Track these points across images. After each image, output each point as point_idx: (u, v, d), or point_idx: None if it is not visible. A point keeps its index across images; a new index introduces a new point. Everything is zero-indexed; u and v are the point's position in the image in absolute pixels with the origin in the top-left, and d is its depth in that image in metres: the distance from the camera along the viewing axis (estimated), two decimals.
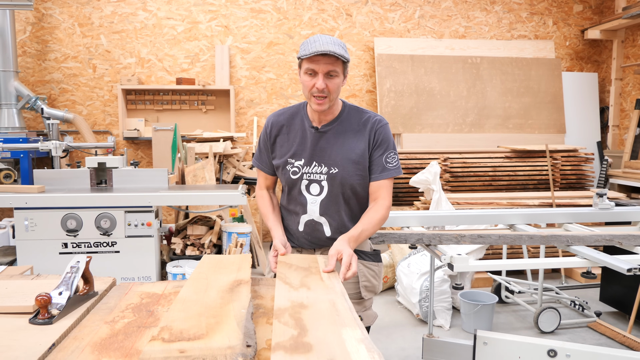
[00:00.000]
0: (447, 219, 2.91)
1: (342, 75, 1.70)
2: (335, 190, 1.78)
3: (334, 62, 1.66)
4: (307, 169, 1.79)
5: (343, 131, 1.79)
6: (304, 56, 1.65)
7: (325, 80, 1.67)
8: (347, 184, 1.77)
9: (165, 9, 5.59)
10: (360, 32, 5.86)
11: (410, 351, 3.15)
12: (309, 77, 1.68)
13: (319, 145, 1.79)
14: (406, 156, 5.08)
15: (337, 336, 1.05)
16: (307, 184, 1.80)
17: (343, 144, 1.78)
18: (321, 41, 1.64)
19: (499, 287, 3.93)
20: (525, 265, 2.75)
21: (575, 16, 6.22)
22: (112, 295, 1.44)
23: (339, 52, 1.63)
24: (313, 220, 1.82)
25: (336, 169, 1.77)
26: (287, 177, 1.82)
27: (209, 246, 4.18)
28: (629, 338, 3.20)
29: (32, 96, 5.06)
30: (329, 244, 1.78)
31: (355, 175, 1.78)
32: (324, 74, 1.66)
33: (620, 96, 5.98)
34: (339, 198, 1.80)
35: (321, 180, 1.79)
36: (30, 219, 3.42)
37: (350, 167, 1.77)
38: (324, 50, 1.61)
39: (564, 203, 4.60)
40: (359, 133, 1.79)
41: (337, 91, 1.72)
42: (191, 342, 0.99)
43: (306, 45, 1.67)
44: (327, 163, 1.78)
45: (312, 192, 1.81)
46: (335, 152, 1.78)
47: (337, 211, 1.81)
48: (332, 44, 1.64)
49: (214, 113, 5.69)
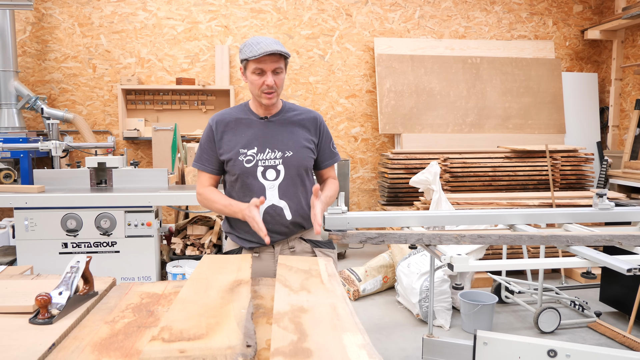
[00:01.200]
0: (447, 219, 2.90)
1: (285, 70, 1.86)
2: (292, 172, 1.88)
3: (279, 60, 1.80)
4: (261, 155, 1.87)
5: (289, 122, 1.94)
6: (252, 57, 1.76)
7: (274, 77, 1.81)
8: (302, 165, 1.90)
9: (165, 9, 5.59)
10: (360, 32, 5.86)
11: (410, 351, 3.15)
12: (257, 76, 1.81)
13: (269, 133, 1.90)
14: (406, 156, 5.08)
15: (338, 342, 1.03)
16: (262, 170, 1.86)
17: (292, 131, 1.92)
18: (265, 42, 1.77)
19: (499, 287, 3.93)
20: (525, 266, 2.74)
21: (575, 16, 6.22)
22: (112, 295, 1.44)
23: (284, 50, 1.78)
24: (273, 205, 1.87)
25: (290, 152, 1.89)
26: (241, 167, 1.86)
27: (209, 246, 4.18)
28: (629, 338, 3.20)
29: (32, 96, 5.06)
30: (290, 229, 1.91)
31: (308, 157, 1.93)
32: (272, 71, 1.80)
33: (620, 96, 5.98)
34: (296, 180, 1.89)
35: (277, 164, 1.87)
36: (30, 219, 3.42)
37: (303, 150, 1.91)
38: (271, 50, 1.74)
39: (563, 203, 4.60)
40: (305, 124, 1.95)
41: (283, 86, 1.90)
42: (191, 342, 0.99)
43: (250, 47, 1.78)
44: (281, 148, 1.88)
45: (268, 177, 1.87)
46: (286, 137, 1.91)
47: (295, 193, 1.89)
48: (274, 43, 1.78)
49: (214, 113, 5.67)
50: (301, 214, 1.91)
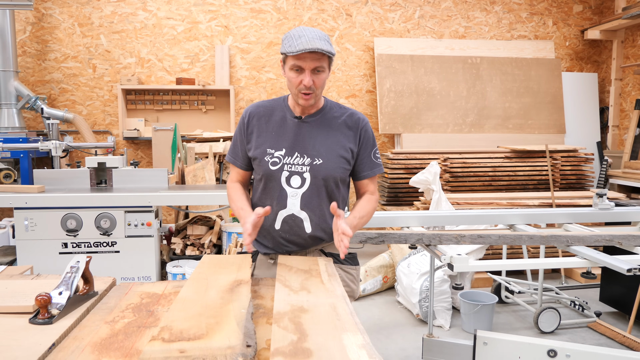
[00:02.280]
0: (447, 219, 2.91)
1: (328, 70, 1.66)
2: (319, 182, 1.70)
3: (321, 58, 1.60)
4: (288, 159, 1.70)
5: (327, 123, 1.74)
6: (291, 53, 1.58)
7: (312, 77, 1.62)
8: (331, 176, 1.71)
9: (165, 9, 5.59)
10: (360, 32, 5.86)
11: (410, 351, 3.15)
12: (295, 73, 1.64)
13: (302, 135, 1.72)
14: (406, 156, 5.08)
15: (338, 342, 1.03)
16: (287, 175, 1.70)
17: (327, 135, 1.73)
18: (307, 36, 1.57)
19: (499, 287, 3.93)
20: (525, 266, 2.75)
21: (575, 16, 6.22)
22: (112, 295, 1.44)
23: (326, 49, 1.57)
24: (293, 215, 1.71)
25: (320, 159, 1.70)
26: (265, 169, 1.71)
27: (209, 246, 4.18)
28: (629, 338, 3.20)
29: (32, 96, 5.06)
30: (308, 243, 1.75)
31: (340, 167, 1.72)
32: (311, 70, 1.61)
33: (620, 96, 5.98)
34: (321, 191, 1.71)
35: (303, 172, 1.70)
36: (30, 219, 3.42)
37: (335, 159, 1.71)
38: (311, 48, 1.55)
39: (563, 203, 4.60)
40: (345, 128, 1.75)
41: (324, 86, 1.70)
42: (191, 342, 0.99)
43: (291, 40, 1.60)
44: (310, 154, 1.70)
45: (292, 184, 1.70)
46: (319, 142, 1.71)
47: (318, 205, 1.72)
48: (318, 39, 1.58)
49: (214, 113, 5.69)
50: (323, 228, 1.74)
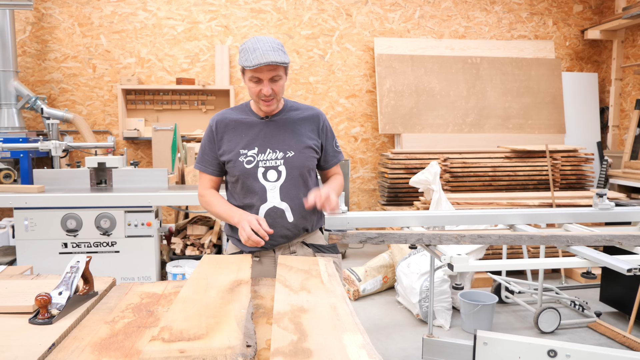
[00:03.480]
0: (447, 219, 2.90)
1: (285, 76, 1.80)
2: (294, 172, 1.84)
3: (276, 68, 1.73)
4: (262, 156, 1.83)
5: (291, 120, 1.89)
6: (248, 67, 1.69)
7: (271, 85, 1.75)
8: (304, 165, 1.86)
9: (165, 9, 5.58)
10: (360, 32, 5.86)
11: (410, 351, 3.15)
12: (254, 83, 1.75)
13: (270, 133, 1.85)
14: (406, 156, 5.08)
15: (338, 342, 1.03)
16: (263, 171, 1.82)
17: (294, 129, 1.87)
18: (261, 49, 1.68)
19: (499, 287, 3.93)
20: (525, 266, 2.74)
21: (575, 16, 6.22)
22: (112, 295, 1.44)
23: (280, 60, 1.69)
24: (274, 207, 1.83)
25: (292, 152, 1.84)
26: (241, 169, 1.82)
27: (209, 246, 4.18)
28: (629, 338, 3.20)
29: (32, 96, 5.06)
30: (292, 232, 1.87)
31: (310, 157, 1.88)
32: (268, 79, 1.74)
33: (620, 96, 5.98)
34: (297, 180, 1.85)
35: (278, 165, 1.83)
36: (30, 219, 3.42)
37: (305, 150, 1.86)
38: (265, 61, 1.66)
39: (563, 203, 4.60)
40: (307, 123, 1.91)
41: (283, 91, 1.83)
42: (191, 342, 0.99)
43: (247, 54, 1.70)
44: (282, 148, 1.84)
45: (269, 178, 1.83)
46: (288, 137, 1.86)
47: (297, 194, 1.85)
48: (272, 50, 1.68)
49: (214, 113, 5.68)
50: (303, 215, 1.87)
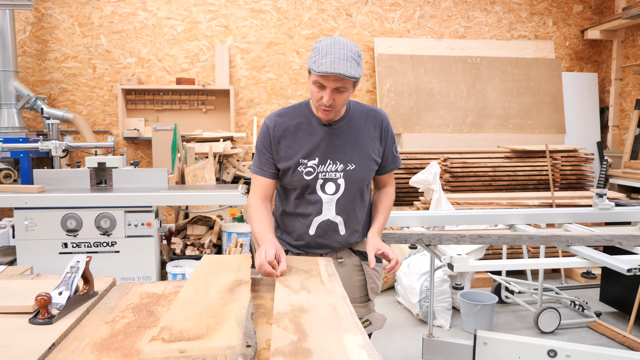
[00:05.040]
0: (447, 219, 2.91)
1: (352, 88, 1.64)
2: (353, 187, 1.75)
3: (344, 79, 1.57)
4: (322, 167, 1.73)
5: (354, 127, 1.76)
6: (314, 72, 1.56)
7: (334, 95, 1.60)
8: (364, 179, 1.77)
9: (165, 9, 5.58)
10: (360, 32, 5.86)
11: (410, 351, 3.15)
12: (317, 88, 1.62)
13: (332, 142, 1.73)
14: (406, 156, 5.08)
15: (338, 342, 1.03)
16: (322, 183, 1.73)
17: (357, 139, 1.76)
18: (333, 55, 1.53)
19: (499, 287, 3.93)
20: (525, 266, 2.75)
21: (575, 16, 6.22)
22: (112, 295, 1.44)
23: (349, 74, 1.54)
24: (328, 220, 1.76)
25: (353, 165, 1.74)
26: (299, 179, 1.73)
27: (209, 246, 4.18)
28: (629, 338, 3.20)
29: (32, 96, 5.06)
30: (341, 244, 1.81)
31: (371, 170, 1.78)
32: (333, 89, 1.59)
33: (620, 96, 5.98)
34: (355, 195, 1.77)
35: (337, 178, 1.74)
36: (30, 219, 3.42)
37: (366, 162, 1.76)
38: (333, 72, 1.52)
39: (563, 203, 4.60)
40: (371, 129, 1.78)
41: (345, 103, 1.69)
42: (191, 342, 0.99)
43: (317, 55, 1.56)
44: (343, 160, 1.73)
45: (327, 191, 1.74)
46: (350, 147, 1.74)
47: (352, 208, 1.78)
48: (344, 60, 1.54)
49: (214, 113, 5.69)
50: (356, 228, 1.81)
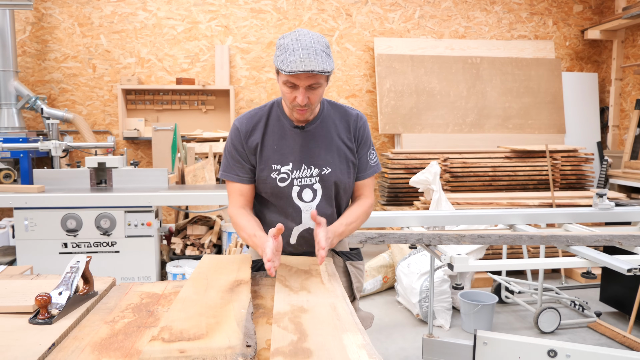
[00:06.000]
0: (447, 219, 2.91)
1: (325, 83, 1.52)
2: (329, 192, 1.63)
3: (316, 75, 1.46)
4: (296, 173, 1.60)
5: (327, 128, 1.64)
6: (283, 72, 1.43)
7: (308, 93, 1.49)
8: (340, 183, 1.64)
9: (165, 9, 5.58)
10: (360, 32, 5.86)
11: (410, 351, 3.15)
12: (289, 89, 1.49)
13: (306, 146, 1.61)
14: (406, 156, 5.08)
15: (338, 342, 1.03)
16: (298, 190, 1.61)
17: (331, 141, 1.63)
18: (301, 51, 1.41)
19: (499, 287, 3.93)
20: (525, 266, 2.75)
21: (575, 16, 6.22)
22: (112, 295, 1.44)
23: (322, 68, 1.42)
24: (309, 229, 1.64)
25: (328, 168, 1.61)
26: (273, 186, 1.60)
27: (209, 246, 4.18)
28: (629, 338, 3.20)
29: (32, 96, 5.06)
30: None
31: (347, 173, 1.65)
32: (306, 87, 1.47)
33: (620, 96, 5.98)
34: (331, 200, 1.65)
35: (313, 184, 1.61)
36: (30, 219, 3.42)
37: (342, 165, 1.64)
38: (304, 69, 1.40)
39: (563, 203, 4.60)
40: (344, 130, 1.66)
41: (320, 100, 1.57)
42: (191, 342, 0.99)
43: (284, 53, 1.44)
44: (318, 164, 1.61)
45: (304, 199, 1.62)
46: (324, 151, 1.62)
47: (331, 214, 1.66)
48: (314, 55, 1.42)
49: (214, 113, 5.69)
50: None
